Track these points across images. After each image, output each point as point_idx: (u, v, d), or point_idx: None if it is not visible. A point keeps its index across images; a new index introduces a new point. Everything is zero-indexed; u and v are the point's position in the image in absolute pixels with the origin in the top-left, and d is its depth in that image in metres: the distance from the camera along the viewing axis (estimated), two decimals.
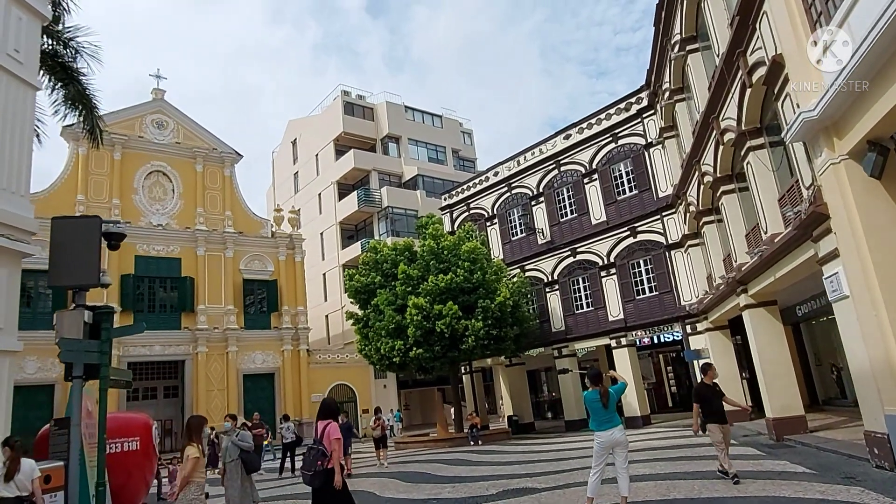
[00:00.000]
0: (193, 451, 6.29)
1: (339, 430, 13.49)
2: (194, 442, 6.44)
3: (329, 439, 6.32)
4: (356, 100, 43.29)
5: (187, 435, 6.54)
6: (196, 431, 6.56)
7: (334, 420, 6.67)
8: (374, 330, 21.32)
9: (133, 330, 8.84)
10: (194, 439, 6.47)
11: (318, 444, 6.33)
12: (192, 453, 6.26)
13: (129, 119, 30.32)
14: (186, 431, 6.62)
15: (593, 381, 7.54)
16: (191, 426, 6.64)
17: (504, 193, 27.27)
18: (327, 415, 6.68)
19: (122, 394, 27.26)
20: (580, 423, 23.26)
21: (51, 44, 13.88)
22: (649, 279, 21.72)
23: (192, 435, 6.50)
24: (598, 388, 7.41)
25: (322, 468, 6.18)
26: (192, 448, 6.34)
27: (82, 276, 8.71)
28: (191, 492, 6.23)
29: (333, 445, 6.30)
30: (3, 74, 8.50)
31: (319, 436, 6.40)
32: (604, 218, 23.14)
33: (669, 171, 20.84)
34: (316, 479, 6.20)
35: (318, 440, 6.38)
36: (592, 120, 23.78)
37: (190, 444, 6.39)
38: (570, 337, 23.86)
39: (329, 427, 6.44)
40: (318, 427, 6.53)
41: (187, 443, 6.44)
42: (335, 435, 6.37)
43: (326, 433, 6.37)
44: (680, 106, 18.43)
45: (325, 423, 6.51)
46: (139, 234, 28.92)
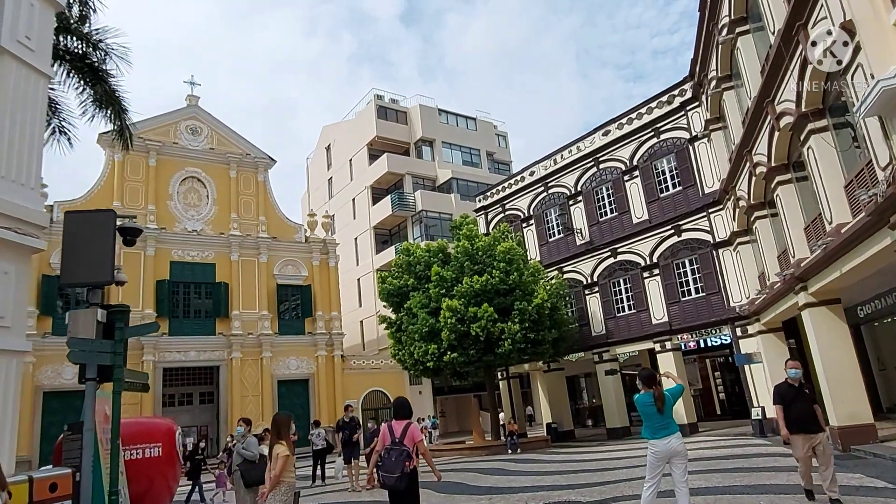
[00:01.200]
0: (283, 449, 6.05)
1: (367, 437, 12.77)
2: (282, 440, 6.19)
3: (413, 439, 6.13)
4: (389, 104, 43.02)
5: (275, 433, 6.29)
6: (284, 429, 6.30)
7: (410, 419, 6.43)
8: (407, 334, 20.71)
9: (146, 329, 8.37)
10: (282, 437, 6.21)
11: (398, 446, 6.07)
12: (281, 452, 6.02)
13: (164, 126, 30.58)
14: (273, 430, 6.36)
15: (646, 382, 6.69)
16: (278, 424, 6.36)
17: (540, 193, 26.41)
18: (404, 414, 6.43)
19: (158, 399, 27.34)
20: (622, 431, 22.18)
21: (80, 45, 13.78)
22: (695, 279, 20.55)
23: (279, 433, 6.25)
24: (651, 390, 6.57)
25: (409, 469, 5.98)
26: (281, 446, 6.08)
27: (96, 273, 8.30)
28: (281, 492, 6.02)
29: (421, 446, 6.18)
30: (12, 61, 8.17)
31: (399, 437, 6.14)
32: (646, 216, 22.07)
33: (716, 166, 19.69)
34: (402, 482, 5.95)
35: (399, 441, 6.11)
36: (633, 115, 22.77)
37: (278, 443, 6.14)
38: (611, 341, 22.79)
39: (411, 427, 6.24)
40: (395, 427, 6.24)
41: (275, 441, 6.18)
42: (419, 436, 6.23)
43: (409, 434, 6.15)
44: (728, 94, 17.34)
45: (404, 423, 6.28)
46: (174, 240, 29.07)
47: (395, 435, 6.16)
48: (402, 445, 6.06)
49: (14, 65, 8.29)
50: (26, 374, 24.23)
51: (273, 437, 6.31)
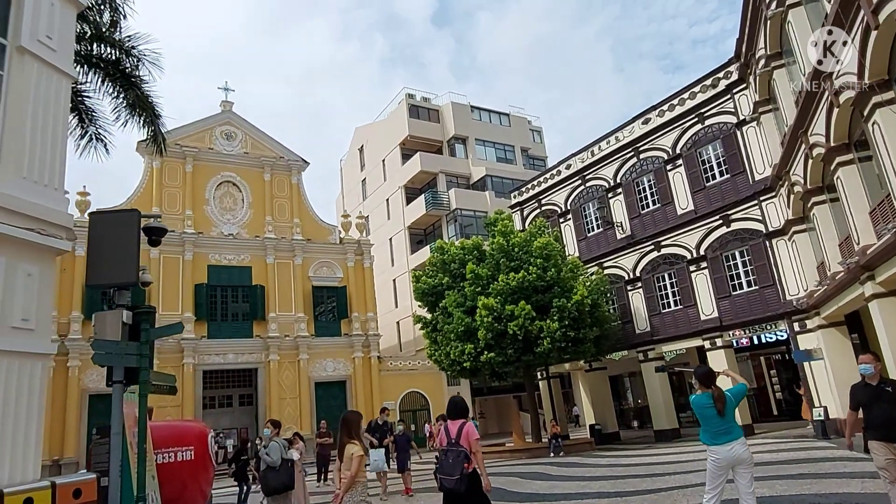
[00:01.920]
0: (356, 448, 5.77)
1: (398, 440, 12.30)
2: (354, 439, 5.92)
3: (469, 440, 5.84)
4: (421, 102, 42.65)
5: (345, 432, 5.97)
6: (355, 427, 6.04)
7: (466, 418, 6.15)
8: (442, 334, 20.20)
9: (171, 330, 8.06)
10: (354, 436, 5.94)
11: (455, 446, 5.82)
12: (355, 452, 5.73)
13: (200, 132, 30.84)
14: (344, 429, 6.02)
15: (703, 381, 5.98)
16: (349, 422, 6.06)
17: (578, 187, 25.56)
18: (459, 413, 6.16)
19: (199, 401, 27.50)
20: (671, 433, 21.19)
21: (113, 52, 13.78)
22: (747, 272, 19.44)
23: (350, 431, 5.96)
24: (709, 390, 5.86)
25: (468, 471, 5.72)
26: (355, 446, 5.80)
27: (120, 274, 8.04)
28: (357, 492, 5.73)
29: (474, 446, 5.84)
30: (33, 61, 7.96)
31: (455, 437, 5.89)
32: (691, 207, 21.03)
33: (767, 150, 18.57)
34: (462, 484, 5.68)
35: (455, 441, 5.87)
36: (674, 101, 21.75)
37: (350, 442, 5.84)
38: (657, 338, 21.80)
39: (467, 427, 5.96)
40: (451, 428, 6.00)
41: (347, 441, 5.86)
42: (474, 435, 5.91)
43: (465, 433, 5.88)
44: (779, 73, 16.26)
45: (460, 423, 6.01)
46: (211, 244, 29.26)
47: (451, 435, 5.92)
48: (458, 446, 5.81)
49: (35, 65, 8.06)
50: (73, 377, 24.67)
51: (344, 435, 5.95)
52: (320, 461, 16.53)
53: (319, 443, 16.68)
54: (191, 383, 27.08)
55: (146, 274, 8.59)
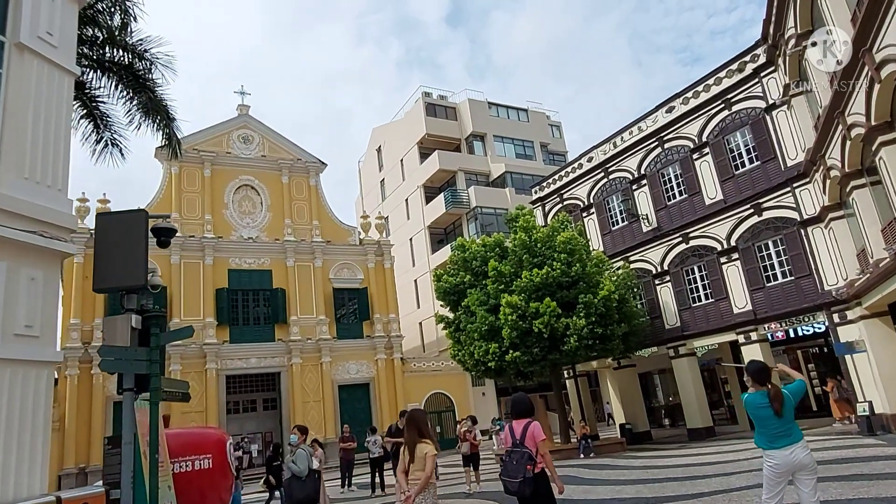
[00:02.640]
0: (430, 447, 5.45)
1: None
2: (425, 437, 5.56)
3: (534, 440, 5.54)
4: (438, 100, 42.24)
5: (415, 432, 5.60)
6: (423, 425, 5.67)
7: (532, 417, 5.83)
8: (465, 333, 19.70)
9: (181, 334, 7.73)
10: (424, 434, 5.59)
11: (519, 447, 5.53)
12: (429, 451, 5.41)
13: (217, 136, 30.80)
14: (412, 427, 5.65)
15: (757, 378, 5.37)
16: (417, 420, 5.68)
17: (601, 180, 24.88)
18: (524, 412, 5.84)
19: (222, 406, 27.40)
20: (705, 431, 20.44)
21: (123, 55, 13.63)
22: (781, 262, 18.62)
23: (420, 430, 5.60)
24: (764, 388, 5.28)
25: (532, 473, 5.39)
26: (428, 445, 5.47)
27: (128, 276, 7.73)
28: (431, 494, 5.43)
29: (541, 447, 5.54)
30: (34, 58, 7.68)
31: (520, 437, 5.59)
32: (720, 196, 20.25)
33: (799, 134, 17.76)
34: (526, 487, 5.37)
35: (519, 442, 5.56)
36: (699, 87, 20.99)
37: (422, 441, 5.50)
38: (688, 333, 21.05)
39: (532, 426, 5.63)
40: (515, 428, 5.69)
41: (418, 440, 5.51)
42: (540, 435, 5.59)
43: (529, 433, 5.58)
44: (811, 52, 15.44)
45: (524, 423, 5.68)
46: (231, 248, 29.17)
47: (516, 436, 5.62)
48: (523, 447, 5.52)
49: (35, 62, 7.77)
50: (97, 384, 24.69)
51: (412, 434, 5.59)
52: (344, 466, 16.16)
53: (343, 448, 16.31)
54: (214, 388, 26.98)
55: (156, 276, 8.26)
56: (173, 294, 27.22)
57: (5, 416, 6.39)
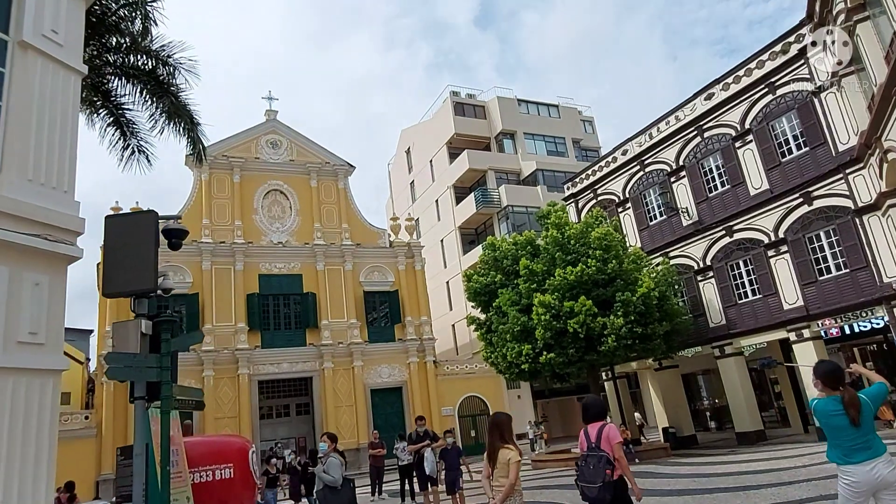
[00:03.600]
0: (513, 454, 5.20)
1: (447, 455, 10.92)
2: (509, 443, 5.32)
3: (610, 443, 5.30)
4: (466, 99, 41.68)
5: (498, 436, 5.37)
6: (507, 430, 5.43)
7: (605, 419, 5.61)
8: (498, 334, 19.05)
9: (192, 340, 7.37)
10: (508, 440, 5.35)
11: (596, 451, 5.31)
12: (513, 457, 5.17)
13: (246, 142, 30.84)
14: (495, 431, 5.41)
15: (827, 382, 4.58)
16: (500, 425, 5.45)
17: (636, 173, 23.92)
18: (597, 415, 5.61)
19: (255, 412, 27.28)
20: (755, 435, 19.32)
21: (146, 60, 13.54)
22: (835, 254, 17.44)
23: (504, 435, 5.36)
24: (836, 392, 4.50)
25: (612, 478, 5.15)
26: (511, 451, 5.22)
27: (138, 280, 7.34)
28: (516, 502, 5.21)
29: (618, 451, 5.27)
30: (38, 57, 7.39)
31: (595, 441, 5.37)
32: (765, 186, 19.14)
33: (852, 116, 16.59)
34: (606, 492, 5.13)
35: (595, 446, 5.34)
36: (740, 72, 19.91)
37: (506, 447, 5.27)
38: (734, 332, 19.96)
39: (607, 429, 5.41)
40: (590, 431, 5.47)
41: (501, 445, 5.28)
42: (616, 438, 5.36)
43: (605, 436, 5.35)
44: (863, 27, 14.37)
45: (599, 426, 5.47)
46: (261, 253, 29.12)
47: (591, 439, 5.40)
48: (599, 451, 5.29)
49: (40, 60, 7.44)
50: (119, 392, 24.76)
51: (495, 439, 5.34)
52: (373, 473, 15.67)
53: (372, 454, 15.83)
54: (246, 393, 26.90)
55: (167, 280, 7.89)
56: (205, 300, 27.26)
57: (8, 428, 6.02)
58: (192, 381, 26.18)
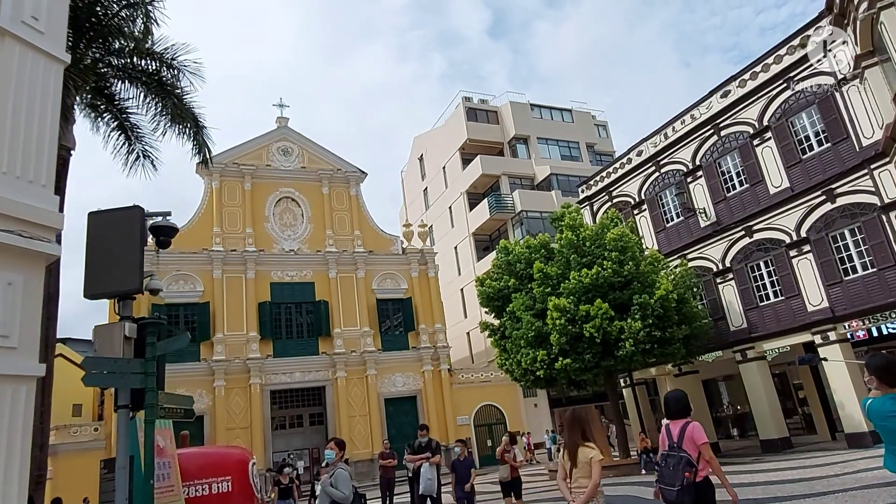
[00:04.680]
0: (595, 452, 4.93)
1: (457, 467, 10.25)
2: (591, 441, 5.04)
3: (694, 442, 4.87)
4: (478, 105, 41.35)
5: (577, 433, 5.07)
6: (588, 426, 5.17)
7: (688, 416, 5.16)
8: (512, 340, 18.53)
9: (177, 343, 6.93)
10: (590, 437, 5.08)
11: (676, 451, 4.92)
12: (594, 455, 4.90)
13: (257, 149, 30.76)
14: (575, 428, 5.11)
15: (884, 377, 3.85)
16: (581, 421, 5.16)
17: (652, 174, 23.33)
18: (680, 412, 5.17)
19: (268, 422, 26.97)
20: (781, 443, 18.54)
21: (148, 62, 13.39)
22: (860, 253, 16.72)
23: (584, 432, 5.08)
24: (893, 390, 3.90)
25: (693, 481, 4.76)
26: (592, 449, 4.95)
27: (122, 280, 6.98)
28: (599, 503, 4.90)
29: (704, 451, 4.85)
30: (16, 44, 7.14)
31: (677, 439, 4.96)
32: (786, 184, 18.48)
33: (877, 109, 15.92)
34: (686, 496, 4.73)
35: (677, 445, 4.95)
36: (757, 68, 19.32)
37: (585, 445, 4.98)
38: (756, 336, 19.24)
39: (690, 427, 4.98)
40: (672, 429, 5.08)
41: (581, 443, 5.00)
42: (701, 437, 4.91)
43: (688, 435, 4.93)
44: (887, 14, 13.78)
45: (682, 423, 5.05)
46: (273, 261, 28.92)
47: (673, 438, 5.01)
48: (680, 451, 4.89)
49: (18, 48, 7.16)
50: None
51: (575, 436, 5.04)
52: (383, 485, 15.18)
53: (382, 465, 15.35)
54: (258, 404, 26.60)
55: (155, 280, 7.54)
56: (216, 309, 27.08)
57: None
58: (203, 392, 25.99)
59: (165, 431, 8.15)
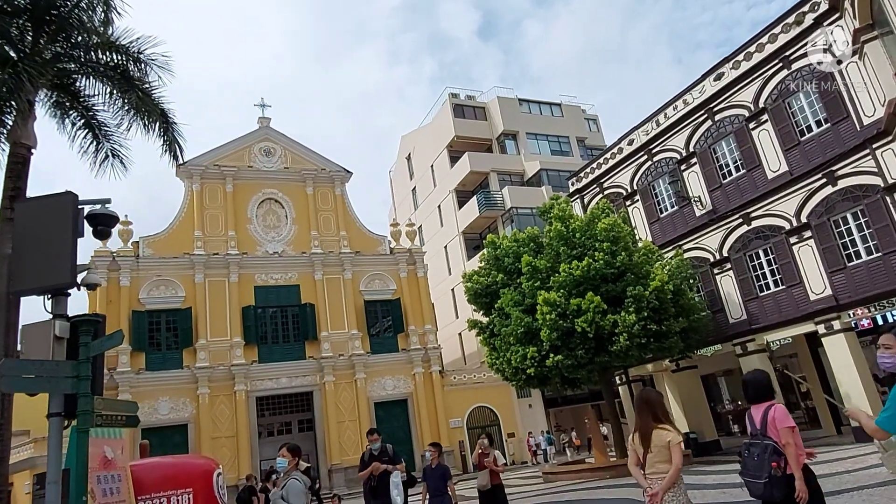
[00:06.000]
0: (672, 434, 4.43)
1: (428, 475, 9.15)
2: (665, 422, 4.52)
3: (777, 428, 4.25)
4: (465, 101, 40.62)
5: (649, 416, 4.55)
6: (660, 408, 4.62)
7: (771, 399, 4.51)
8: (501, 338, 17.73)
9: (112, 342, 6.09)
10: (662, 419, 4.54)
11: (760, 438, 4.31)
12: (672, 438, 4.39)
13: (238, 150, 29.87)
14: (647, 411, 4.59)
15: None
16: (651, 403, 4.63)
17: (644, 163, 22.59)
18: (761, 394, 4.54)
19: (254, 430, 26.07)
20: None
21: (112, 56, 12.68)
22: (864, 237, 15.99)
23: (657, 414, 4.55)
24: None
25: (781, 472, 4.16)
26: (669, 431, 4.45)
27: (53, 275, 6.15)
28: (681, 490, 4.42)
29: (787, 437, 4.21)
30: None
31: (760, 425, 4.36)
32: (784, 168, 17.77)
33: (878, 85, 15.22)
34: (775, 489, 4.13)
35: (761, 432, 4.34)
36: (751, 48, 18.62)
37: (659, 427, 4.48)
38: (756, 327, 18.49)
39: (773, 410, 4.35)
40: (754, 414, 4.47)
41: (655, 426, 4.50)
42: (786, 421, 4.28)
43: (770, 419, 4.32)
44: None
45: (764, 406, 4.42)
46: (256, 264, 28.04)
47: (755, 424, 4.43)
48: (764, 437, 4.29)
49: None
50: None
51: (647, 419, 4.56)
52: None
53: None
54: (244, 411, 25.68)
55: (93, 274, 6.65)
56: (199, 314, 26.19)
57: None
58: (187, 400, 25.07)
59: (116, 442, 7.29)
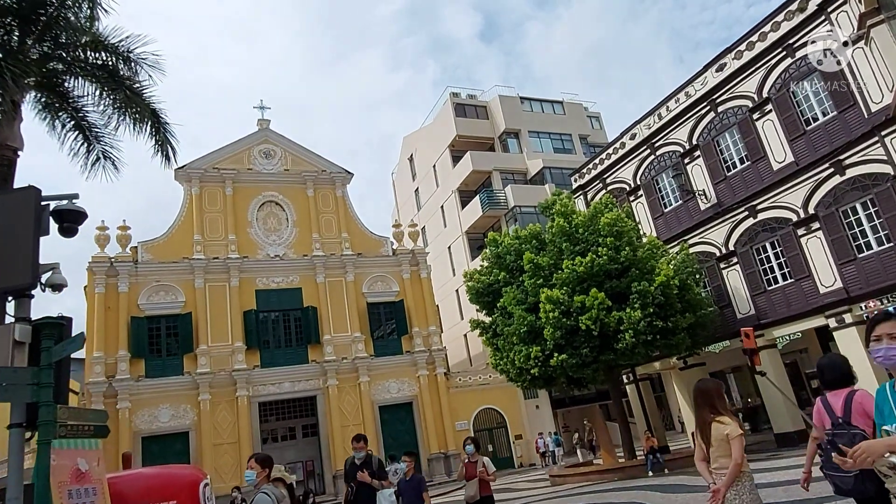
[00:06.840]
0: (732, 426, 4.16)
1: (403, 489, 8.62)
2: (723, 414, 4.25)
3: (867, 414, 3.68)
4: (467, 100, 40.31)
5: (707, 409, 4.30)
6: (719, 399, 4.35)
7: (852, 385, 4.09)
8: (504, 337, 17.35)
9: (73, 346, 5.76)
10: (721, 410, 4.28)
11: (845, 427, 3.81)
12: (732, 430, 4.14)
13: (238, 153, 29.63)
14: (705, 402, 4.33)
15: None
16: (708, 394, 4.36)
17: (647, 157, 22.17)
18: (839, 379, 4.11)
19: (257, 436, 25.73)
20: (796, 436, 17.30)
21: (100, 55, 12.45)
22: (875, 227, 15.53)
23: (715, 406, 4.29)
24: None
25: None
26: (728, 424, 4.17)
27: (13, 275, 5.84)
28: (745, 487, 4.14)
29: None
30: None
31: (842, 413, 3.90)
32: (790, 159, 17.32)
33: (884, 71, 14.78)
34: (868, 482, 3.73)
35: (844, 420, 3.86)
36: (753, 37, 18.20)
37: (718, 420, 4.22)
38: (765, 322, 18.02)
39: (858, 396, 3.89)
40: (832, 401, 4.00)
41: (713, 418, 4.25)
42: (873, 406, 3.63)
43: (857, 406, 3.84)
44: None
45: (845, 393, 3.99)
46: (257, 268, 27.77)
47: (836, 412, 3.93)
48: (850, 427, 3.80)
49: None
50: (124, 419, 23.45)
51: (704, 412, 4.32)
52: None
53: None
54: (246, 417, 25.38)
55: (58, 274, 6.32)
56: (199, 320, 25.93)
57: None
58: (188, 407, 24.81)
59: (91, 453, 6.93)
